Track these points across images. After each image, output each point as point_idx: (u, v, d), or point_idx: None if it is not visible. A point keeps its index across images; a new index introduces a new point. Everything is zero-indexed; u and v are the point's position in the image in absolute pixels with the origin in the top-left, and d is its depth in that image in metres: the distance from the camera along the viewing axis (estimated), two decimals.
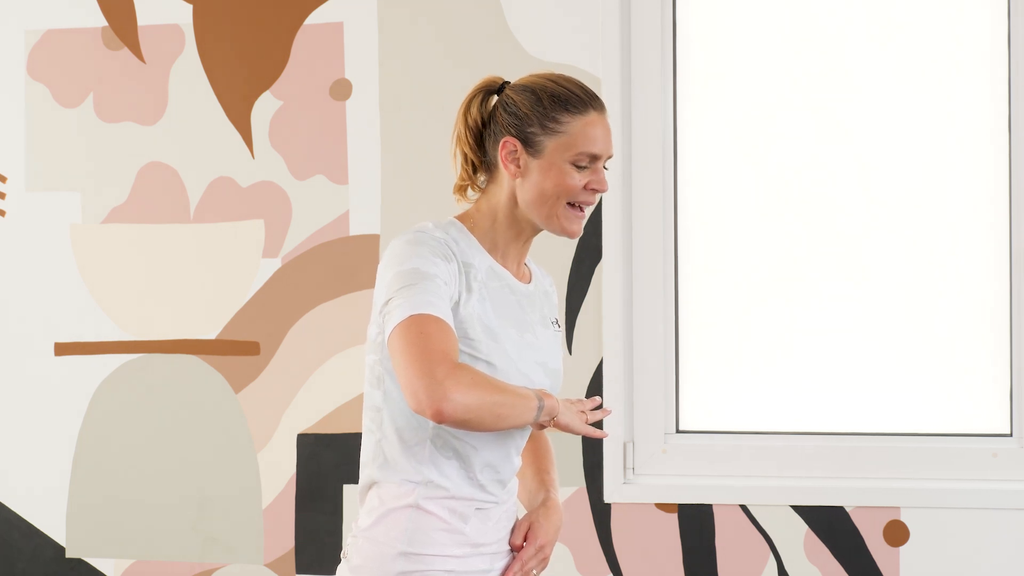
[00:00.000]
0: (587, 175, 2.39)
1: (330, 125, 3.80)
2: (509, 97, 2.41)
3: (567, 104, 2.39)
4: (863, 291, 3.68)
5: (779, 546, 3.63)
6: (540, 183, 2.38)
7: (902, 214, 3.66)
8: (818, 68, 3.69)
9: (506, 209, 2.41)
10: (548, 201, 2.38)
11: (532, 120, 2.38)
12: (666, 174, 3.71)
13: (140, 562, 3.91)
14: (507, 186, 2.41)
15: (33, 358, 3.95)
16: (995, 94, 3.61)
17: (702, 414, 3.75)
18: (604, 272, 3.68)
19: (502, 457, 2.41)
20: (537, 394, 2.31)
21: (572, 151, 2.38)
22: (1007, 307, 3.61)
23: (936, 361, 3.66)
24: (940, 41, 3.63)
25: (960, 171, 3.64)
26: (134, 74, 3.90)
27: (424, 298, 2.25)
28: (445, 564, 2.35)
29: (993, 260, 3.63)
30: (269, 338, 3.83)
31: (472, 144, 2.44)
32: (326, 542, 3.79)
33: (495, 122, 2.42)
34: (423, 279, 2.27)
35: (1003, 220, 3.61)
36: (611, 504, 3.70)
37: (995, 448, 3.60)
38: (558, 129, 2.38)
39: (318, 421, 3.81)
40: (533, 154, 2.38)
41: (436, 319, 2.23)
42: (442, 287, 2.28)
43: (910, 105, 3.64)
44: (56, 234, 3.94)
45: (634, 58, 3.71)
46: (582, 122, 2.39)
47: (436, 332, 2.22)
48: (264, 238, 3.83)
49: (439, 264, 2.30)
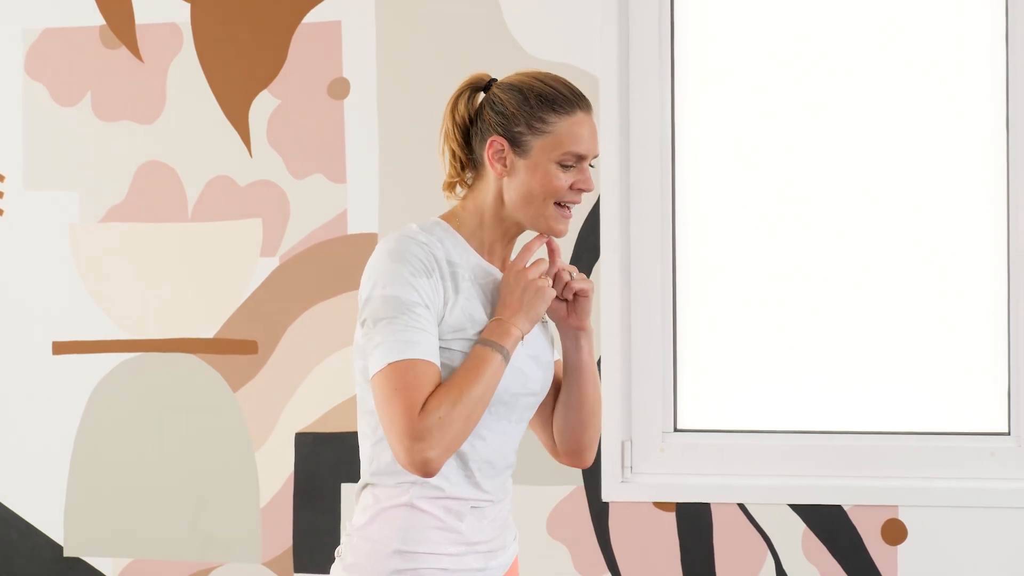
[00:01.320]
0: (573, 175, 2.38)
1: (328, 124, 3.80)
2: (496, 95, 2.41)
3: (554, 104, 2.38)
4: (861, 290, 3.68)
5: (777, 545, 3.63)
6: (527, 183, 2.37)
7: (901, 213, 3.66)
8: (816, 66, 3.68)
9: (492, 208, 2.41)
10: (535, 201, 2.38)
11: (519, 119, 2.38)
12: (664, 173, 3.71)
13: (138, 561, 3.91)
14: (493, 184, 2.40)
15: (31, 357, 3.95)
16: (994, 93, 3.60)
17: (700, 413, 3.74)
18: (602, 271, 3.67)
19: (498, 454, 2.41)
20: (492, 345, 2.31)
21: (558, 151, 2.37)
22: (1005, 306, 3.61)
23: (934, 360, 3.65)
24: (939, 40, 3.63)
25: (958, 170, 3.63)
26: (132, 73, 3.90)
27: (404, 337, 2.27)
28: (439, 562, 2.34)
29: (991, 259, 3.62)
30: (267, 337, 3.83)
31: (459, 141, 2.43)
32: (324, 541, 3.79)
33: (482, 120, 2.41)
34: (404, 311, 2.28)
35: (1001, 219, 3.61)
36: (609, 503, 3.69)
37: (993, 447, 3.59)
38: (545, 129, 2.37)
39: (316, 420, 3.81)
40: (520, 154, 2.37)
41: (414, 364, 2.26)
42: (423, 314, 2.29)
43: (908, 104, 3.64)
44: (54, 233, 3.94)
45: (632, 57, 3.70)
46: (569, 122, 2.38)
47: (412, 381, 2.25)
48: (262, 237, 3.83)
49: (420, 284, 2.30)
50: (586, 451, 2.57)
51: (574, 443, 2.56)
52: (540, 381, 2.46)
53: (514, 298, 2.37)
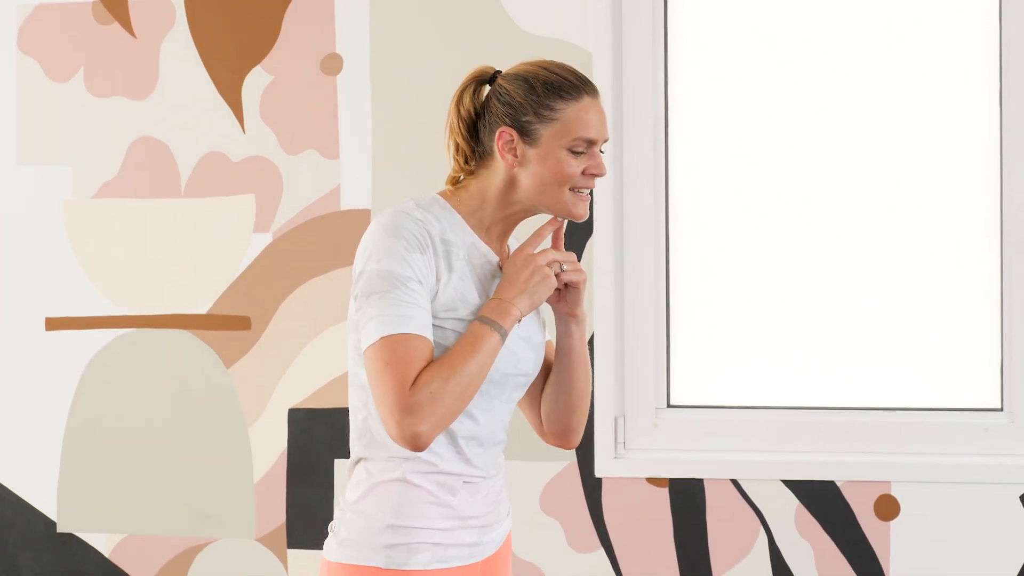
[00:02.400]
0: (584, 160, 2.39)
1: (321, 100, 3.80)
2: (502, 87, 2.41)
3: (560, 91, 2.39)
4: (855, 266, 3.68)
5: (770, 521, 3.64)
6: (539, 172, 2.37)
7: (894, 190, 3.65)
8: (811, 39, 3.68)
9: (500, 192, 2.41)
10: (549, 189, 2.38)
11: (527, 109, 2.38)
12: (657, 149, 3.70)
13: (131, 536, 3.91)
14: (502, 172, 2.40)
15: (24, 333, 3.95)
16: (988, 74, 3.60)
17: (693, 389, 3.75)
18: (595, 247, 3.67)
19: (487, 432, 2.41)
20: (491, 324, 2.32)
21: (568, 137, 2.37)
22: (998, 283, 3.61)
23: (928, 336, 3.66)
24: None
25: (951, 147, 3.63)
26: (125, 49, 3.89)
27: (397, 311, 2.27)
28: (431, 537, 2.35)
29: (984, 235, 3.62)
30: (260, 313, 3.83)
31: (465, 134, 2.43)
32: (318, 516, 3.79)
33: (489, 112, 2.41)
34: (398, 286, 2.28)
35: (994, 195, 3.61)
36: (602, 479, 3.70)
37: (986, 423, 3.60)
38: (553, 116, 2.37)
39: (309, 396, 3.81)
40: (530, 143, 2.38)
41: (407, 338, 2.26)
42: (416, 289, 2.29)
43: (904, 69, 3.64)
44: (47, 209, 3.93)
45: (625, 33, 3.70)
46: (576, 108, 2.39)
47: (404, 355, 2.25)
48: (255, 213, 3.83)
49: (414, 259, 2.30)
50: (573, 433, 2.58)
51: (561, 425, 2.57)
52: (532, 362, 2.47)
53: (520, 279, 2.37)
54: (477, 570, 2.42)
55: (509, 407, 2.45)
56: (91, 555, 3.93)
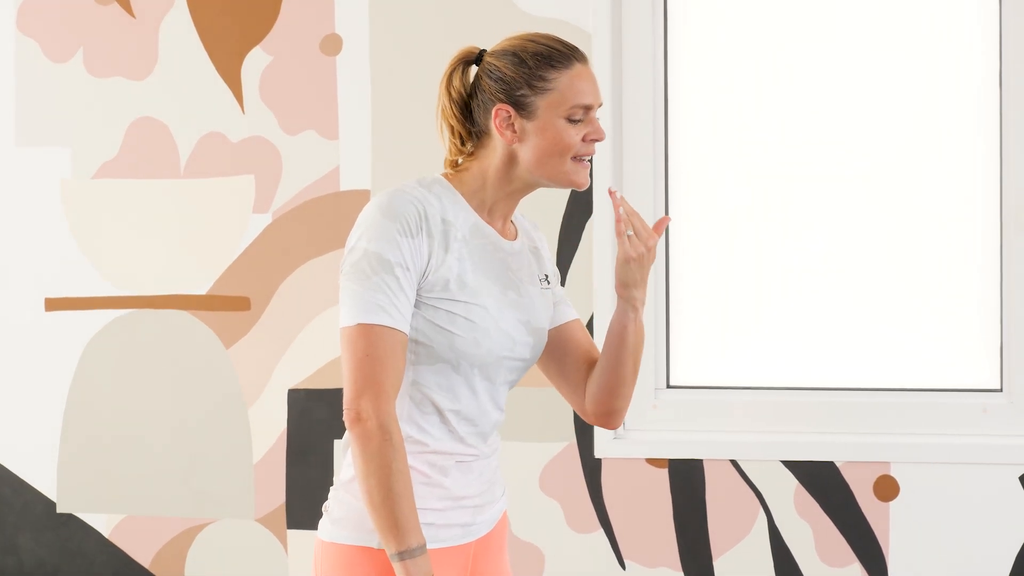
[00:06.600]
0: (583, 127, 2.38)
1: (320, 80, 3.79)
2: (491, 64, 2.40)
3: (551, 60, 2.38)
4: (854, 247, 3.67)
5: (769, 501, 3.64)
6: (539, 145, 2.37)
7: (893, 171, 3.65)
8: (812, 17, 3.67)
9: (500, 169, 2.40)
10: (552, 161, 2.37)
11: (520, 82, 2.37)
12: (656, 128, 3.70)
13: (131, 517, 3.92)
14: (500, 150, 2.39)
15: (23, 313, 3.95)
16: (988, 54, 3.60)
17: (693, 369, 3.75)
18: (595, 227, 3.67)
19: (480, 412, 2.40)
20: (408, 546, 2.28)
21: (565, 106, 2.37)
22: (997, 264, 3.61)
23: (926, 317, 3.65)
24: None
25: (950, 129, 3.63)
26: (124, 29, 3.88)
27: (375, 299, 2.27)
28: (424, 517, 2.34)
29: (983, 215, 3.62)
30: (259, 293, 3.83)
31: (458, 116, 2.42)
32: (317, 497, 3.79)
33: (482, 91, 2.40)
34: (382, 270, 2.28)
35: (993, 176, 3.60)
36: (602, 459, 3.70)
37: (985, 403, 3.60)
38: (547, 87, 2.37)
39: (309, 376, 3.81)
40: (527, 116, 2.37)
41: (383, 331, 2.27)
42: (401, 276, 2.29)
43: (900, 40, 3.63)
44: (46, 189, 3.93)
45: (625, 13, 3.69)
46: (569, 75, 2.38)
47: (378, 350, 2.27)
48: (254, 193, 3.83)
49: (403, 245, 2.30)
50: (617, 414, 2.58)
51: (606, 405, 2.56)
52: (531, 347, 2.45)
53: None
54: (471, 550, 2.42)
55: (503, 389, 2.44)
56: (91, 535, 3.94)
